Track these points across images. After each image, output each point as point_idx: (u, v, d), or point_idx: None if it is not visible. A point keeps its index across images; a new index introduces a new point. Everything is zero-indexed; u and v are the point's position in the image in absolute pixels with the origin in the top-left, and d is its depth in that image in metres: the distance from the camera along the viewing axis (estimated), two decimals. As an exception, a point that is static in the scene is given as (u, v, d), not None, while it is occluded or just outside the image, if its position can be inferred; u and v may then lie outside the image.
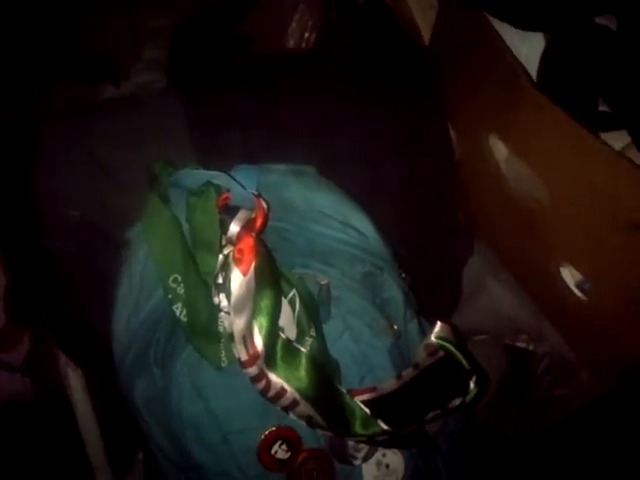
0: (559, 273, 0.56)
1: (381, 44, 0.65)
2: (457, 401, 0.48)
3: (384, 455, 0.49)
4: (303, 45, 0.77)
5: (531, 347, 0.71)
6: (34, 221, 0.57)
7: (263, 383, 0.44)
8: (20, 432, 0.72)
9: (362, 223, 0.53)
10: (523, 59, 0.52)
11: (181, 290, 0.45)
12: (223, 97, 0.60)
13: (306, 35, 0.77)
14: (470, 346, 0.69)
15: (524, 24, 0.54)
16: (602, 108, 0.54)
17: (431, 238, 0.63)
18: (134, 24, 0.89)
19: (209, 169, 0.48)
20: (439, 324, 0.51)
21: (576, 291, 0.55)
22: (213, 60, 0.81)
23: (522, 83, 0.49)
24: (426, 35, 0.68)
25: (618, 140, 0.52)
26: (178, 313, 0.45)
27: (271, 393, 0.44)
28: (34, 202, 0.57)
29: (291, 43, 0.77)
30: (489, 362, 0.67)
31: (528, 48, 0.55)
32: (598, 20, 0.54)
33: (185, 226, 0.47)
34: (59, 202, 0.56)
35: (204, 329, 0.45)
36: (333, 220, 0.51)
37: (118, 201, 0.56)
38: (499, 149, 0.55)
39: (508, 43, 0.53)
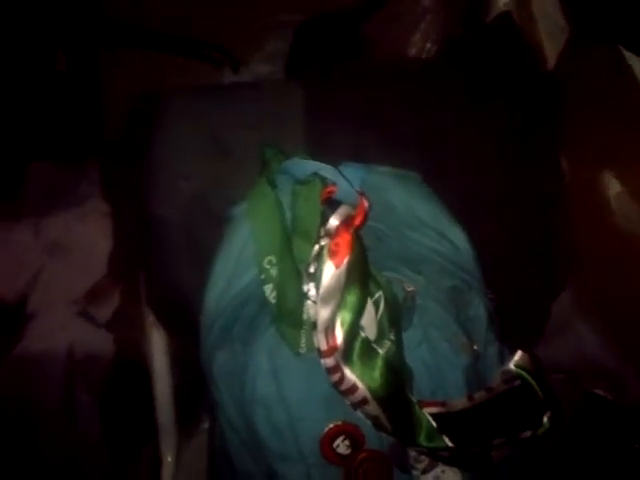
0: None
1: (505, 62, 0.64)
2: (527, 433, 0.47)
3: (443, 472, 0.48)
4: (423, 56, 0.77)
5: (610, 396, 0.68)
6: (147, 185, 0.60)
7: (338, 376, 0.45)
8: (95, 386, 0.76)
9: (457, 237, 0.52)
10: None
11: (274, 272, 0.47)
12: (341, 94, 0.61)
13: (428, 46, 0.77)
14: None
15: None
16: None
17: (526, 264, 0.62)
18: (261, 15, 0.93)
19: (318, 161, 0.50)
20: (519, 352, 0.50)
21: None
22: (333, 59, 0.82)
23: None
24: (552, 59, 0.66)
25: None
26: (268, 294, 0.47)
27: (344, 387, 0.45)
28: (150, 167, 0.60)
29: (412, 52, 0.77)
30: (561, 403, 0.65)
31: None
32: None
33: (288, 213, 0.49)
34: (173, 171, 0.59)
35: (290, 313, 0.46)
36: (430, 229, 0.51)
37: (229, 178, 0.58)
38: (612, 184, 0.53)
39: (640, 78, 0.51)
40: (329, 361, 0.44)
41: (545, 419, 0.48)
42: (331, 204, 0.46)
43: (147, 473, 0.72)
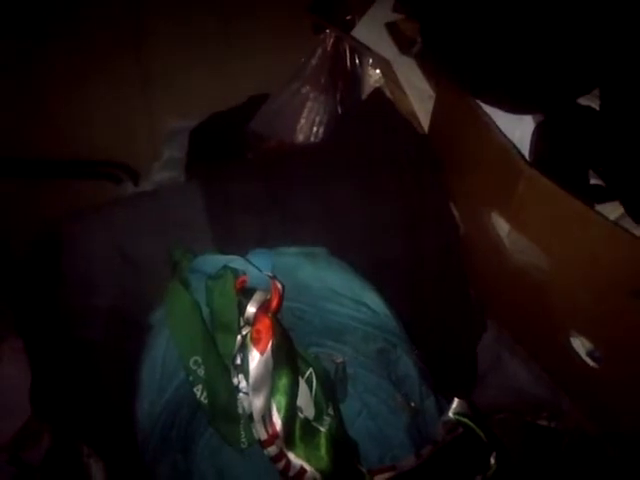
0: (570, 343, 0.56)
1: (383, 133, 0.69)
2: (478, 478, 0.48)
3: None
4: (312, 139, 0.82)
5: (553, 424, 0.70)
6: (61, 312, 0.59)
7: (283, 463, 0.44)
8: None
9: (373, 300, 0.54)
10: (516, 141, 0.56)
11: (202, 372, 0.47)
12: (238, 187, 0.64)
13: (314, 130, 0.82)
14: (490, 425, 0.68)
15: (512, 109, 0.58)
16: (594, 181, 0.57)
17: (441, 314, 0.64)
18: (154, 125, 0.96)
19: (227, 254, 0.51)
20: (456, 400, 0.51)
21: (588, 360, 0.55)
22: (228, 157, 0.86)
23: (515, 162, 0.52)
24: (425, 123, 0.72)
25: (613, 211, 0.54)
26: (199, 395, 0.46)
27: (291, 473, 0.44)
28: (61, 294, 0.59)
29: (301, 138, 0.82)
30: (510, 441, 0.66)
31: (521, 131, 0.59)
32: (581, 101, 0.58)
33: (205, 309, 0.49)
34: (85, 292, 0.59)
35: (224, 410, 0.46)
36: (345, 298, 0.53)
37: (142, 288, 0.58)
38: (501, 225, 0.57)
39: (502, 127, 0.57)
40: (272, 450, 0.44)
41: (492, 460, 0.49)
42: (245, 293, 0.47)
43: None
